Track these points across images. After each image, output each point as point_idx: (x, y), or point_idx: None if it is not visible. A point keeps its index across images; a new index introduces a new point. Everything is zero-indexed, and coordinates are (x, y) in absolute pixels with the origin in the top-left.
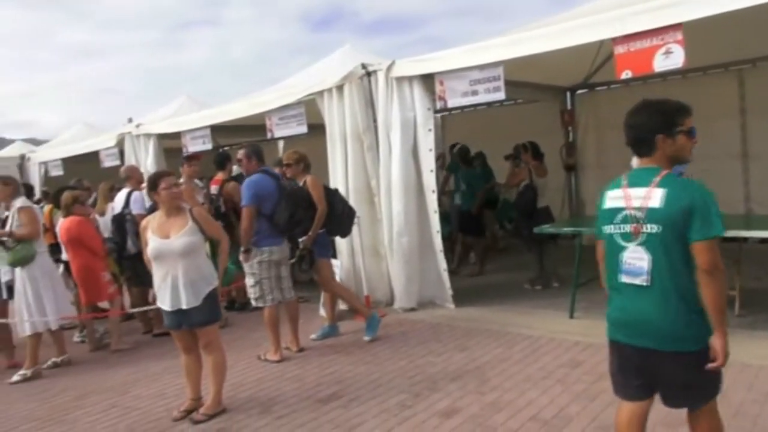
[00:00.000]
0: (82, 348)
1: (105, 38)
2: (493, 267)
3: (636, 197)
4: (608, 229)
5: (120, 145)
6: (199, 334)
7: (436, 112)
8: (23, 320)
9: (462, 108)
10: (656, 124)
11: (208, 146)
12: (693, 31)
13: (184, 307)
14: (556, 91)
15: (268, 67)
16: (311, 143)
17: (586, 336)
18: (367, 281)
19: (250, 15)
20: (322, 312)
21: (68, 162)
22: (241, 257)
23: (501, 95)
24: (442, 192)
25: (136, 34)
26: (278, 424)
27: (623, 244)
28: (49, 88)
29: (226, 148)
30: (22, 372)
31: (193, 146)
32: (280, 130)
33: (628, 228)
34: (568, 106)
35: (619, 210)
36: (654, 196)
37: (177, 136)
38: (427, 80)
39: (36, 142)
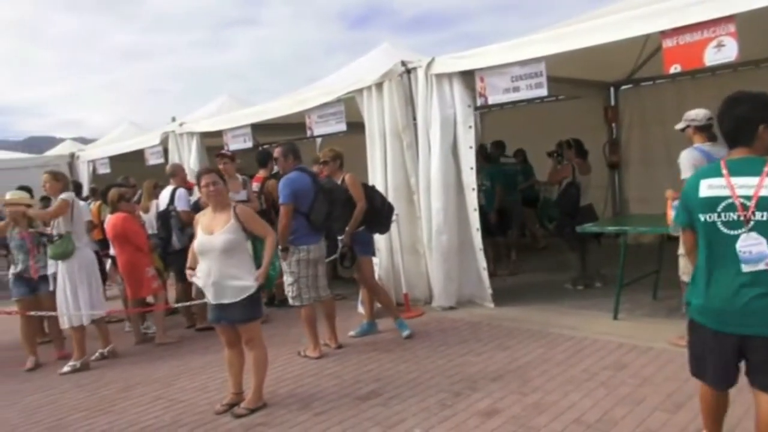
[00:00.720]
0: (128, 341)
1: (150, 40)
2: (533, 266)
3: (743, 186)
4: (708, 217)
5: (164, 143)
6: (240, 330)
7: (476, 109)
8: (62, 313)
9: (501, 105)
10: (759, 114)
11: (249, 144)
12: (745, 23)
13: (225, 301)
14: (599, 87)
15: (305, 65)
16: (350, 141)
17: (631, 338)
18: (405, 279)
19: (287, 14)
20: (361, 309)
21: (115, 160)
22: (280, 255)
23: (543, 91)
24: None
25: (179, 36)
26: (318, 420)
27: (728, 232)
28: (96, 89)
29: (265, 146)
30: (71, 363)
31: (234, 144)
32: (320, 128)
33: (734, 216)
34: (612, 102)
35: (722, 198)
36: (767, 185)
37: (219, 134)
38: (467, 77)
39: (84, 141)
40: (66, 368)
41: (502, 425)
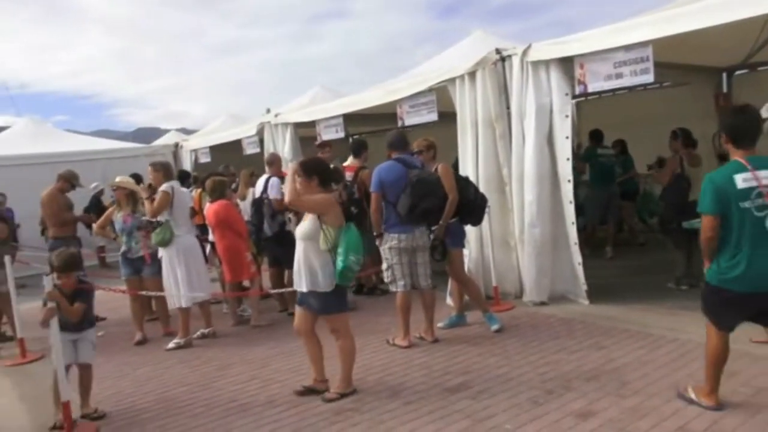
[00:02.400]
0: (225, 322)
1: (245, 34)
2: (632, 263)
3: (765, 177)
4: (745, 204)
5: (260, 133)
6: (325, 320)
7: (573, 97)
8: (168, 295)
9: (600, 93)
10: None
11: (341, 134)
12: None
13: (301, 289)
14: (709, 73)
15: (393, 56)
16: (440, 131)
17: (742, 343)
18: (495, 272)
19: (376, 5)
20: (449, 301)
21: (214, 149)
22: (376, 241)
23: (649, 78)
24: (577, 182)
25: (272, 30)
26: (407, 410)
27: (759, 214)
28: (197, 82)
29: (356, 137)
30: (176, 341)
31: (326, 134)
32: (411, 117)
33: (761, 201)
34: (724, 89)
35: (753, 188)
36: None
37: (311, 124)
38: (566, 64)
39: (187, 132)
40: (171, 345)
41: (598, 428)
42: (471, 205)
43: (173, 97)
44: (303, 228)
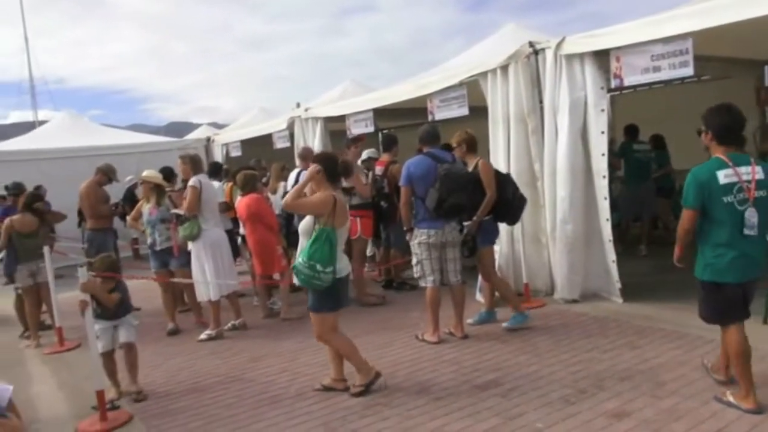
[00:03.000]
0: (255, 314)
1: (275, 28)
2: (666, 261)
3: (745, 173)
4: (728, 198)
5: (290, 128)
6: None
7: (608, 91)
8: (198, 287)
9: (635, 87)
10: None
11: (371, 129)
12: None
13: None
14: (751, 66)
15: (421, 51)
16: (471, 126)
17: None
18: (526, 269)
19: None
20: (479, 297)
21: (245, 143)
22: (407, 236)
23: (689, 71)
24: (611, 178)
25: (301, 24)
26: (436, 406)
27: (740, 208)
28: (226, 77)
29: (385, 131)
30: (207, 332)
31: (356, 129)
32: (441, 112)
33: (742, 195)
34: (766, 83)
35: (734, 184)
36: (758, 171)
37: (341, 119)
38: (601, 57)
39: (218, 126)
40: (203, 336)
41: (632, 429)
42: (507, 204)
43: (204, 91)
44: (303, 224)
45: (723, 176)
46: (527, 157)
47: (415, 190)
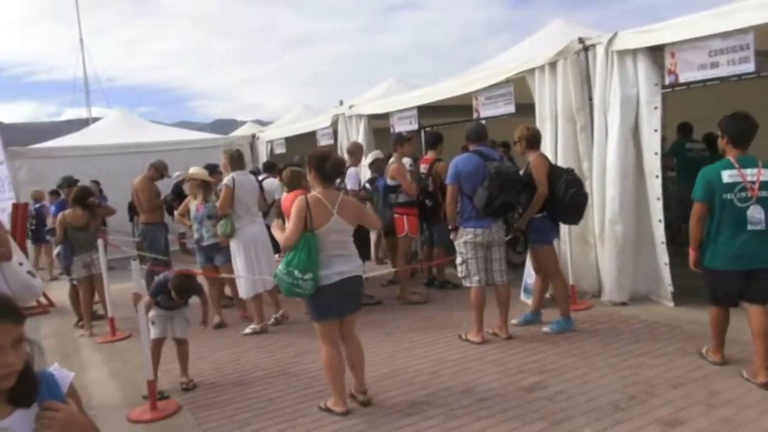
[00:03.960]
0: (299, 309)
1: (319, 27)
2: None
3: (750, 174)
4: (729, 196)
5: (334, 125)
6: None
7: (662, 88)
8: (238, 283)
9: (688, 84)
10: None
11: (414, 126)
12: None
13: None
14: None
15: (465, 48)
16: (517, 124)
17: None
18: (573, 270)
19: None
20: (523, 297)
21: (289, 141)
22: (451, 235)
23: (749, 67)
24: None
25: (345, 22)
26: (481, 406)
27: (741, 205)
28: (271, 75)
29: (428, 129)
30: (252, 326)
31: (399, 126)
32: (487, 110)
33: (745, 194)
34: None
35: (737, 183)
36: (765, 173)
37: (385, 116)
38: (655, 53)
39: (262, 123)
40: (248, 330)
41: None
42: (559, 201)
43: (249, 89)
44: None
45: (727, 176)
46: (575, 156)
47: (462, 189)
